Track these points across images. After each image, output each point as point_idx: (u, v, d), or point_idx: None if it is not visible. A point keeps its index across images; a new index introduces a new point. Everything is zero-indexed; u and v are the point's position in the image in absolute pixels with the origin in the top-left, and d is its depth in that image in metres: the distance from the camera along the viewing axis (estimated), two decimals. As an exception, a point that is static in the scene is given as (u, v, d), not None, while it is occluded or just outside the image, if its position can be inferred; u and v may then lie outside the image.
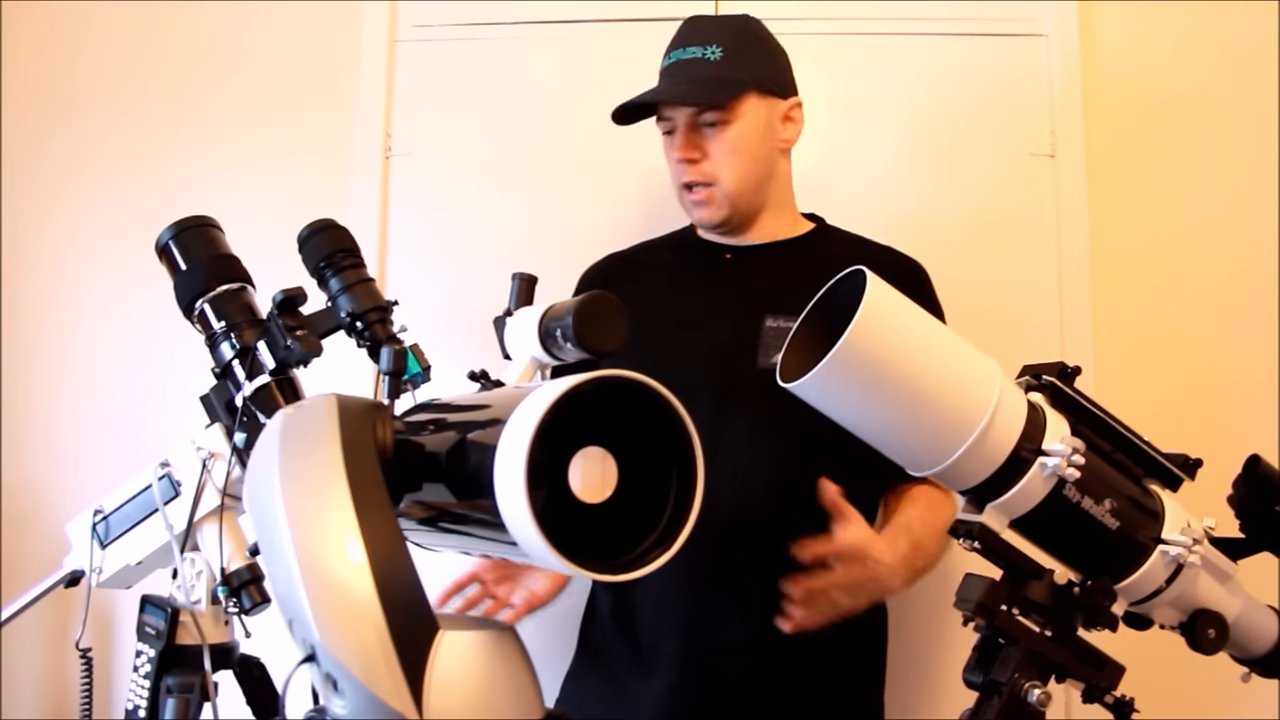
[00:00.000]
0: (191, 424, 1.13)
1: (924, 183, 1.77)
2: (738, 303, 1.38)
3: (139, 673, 1.08)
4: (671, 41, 1.39)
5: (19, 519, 1.79)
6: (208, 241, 1.16)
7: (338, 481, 0.65)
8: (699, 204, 1.37)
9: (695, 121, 1.34)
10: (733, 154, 1.35)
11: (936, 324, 0.85)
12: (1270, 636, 0.94)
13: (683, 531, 0.63)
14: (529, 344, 0.88)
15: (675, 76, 1.36)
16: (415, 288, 1.75)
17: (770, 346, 1.32)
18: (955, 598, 0.88)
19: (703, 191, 1.36)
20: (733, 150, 1.34)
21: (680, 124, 1.35)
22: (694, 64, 1.34)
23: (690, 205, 1.39)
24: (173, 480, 1.10)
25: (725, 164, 1.35)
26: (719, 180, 1.35)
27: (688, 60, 1.35)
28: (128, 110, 1.87)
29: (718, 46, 1.34)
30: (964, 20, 1.78)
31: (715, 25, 1.39)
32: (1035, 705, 0.83)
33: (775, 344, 1.32)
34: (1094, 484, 0.84)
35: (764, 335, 1.32)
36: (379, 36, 1.84)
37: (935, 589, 1.52)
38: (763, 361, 1.31)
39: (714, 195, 1.36)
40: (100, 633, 1.72)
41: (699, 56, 1.34)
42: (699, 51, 1.34)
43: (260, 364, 1.07)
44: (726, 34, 1.36)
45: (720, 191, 1.36)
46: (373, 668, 0.61)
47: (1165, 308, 1.74)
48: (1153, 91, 1.78)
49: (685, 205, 1.41)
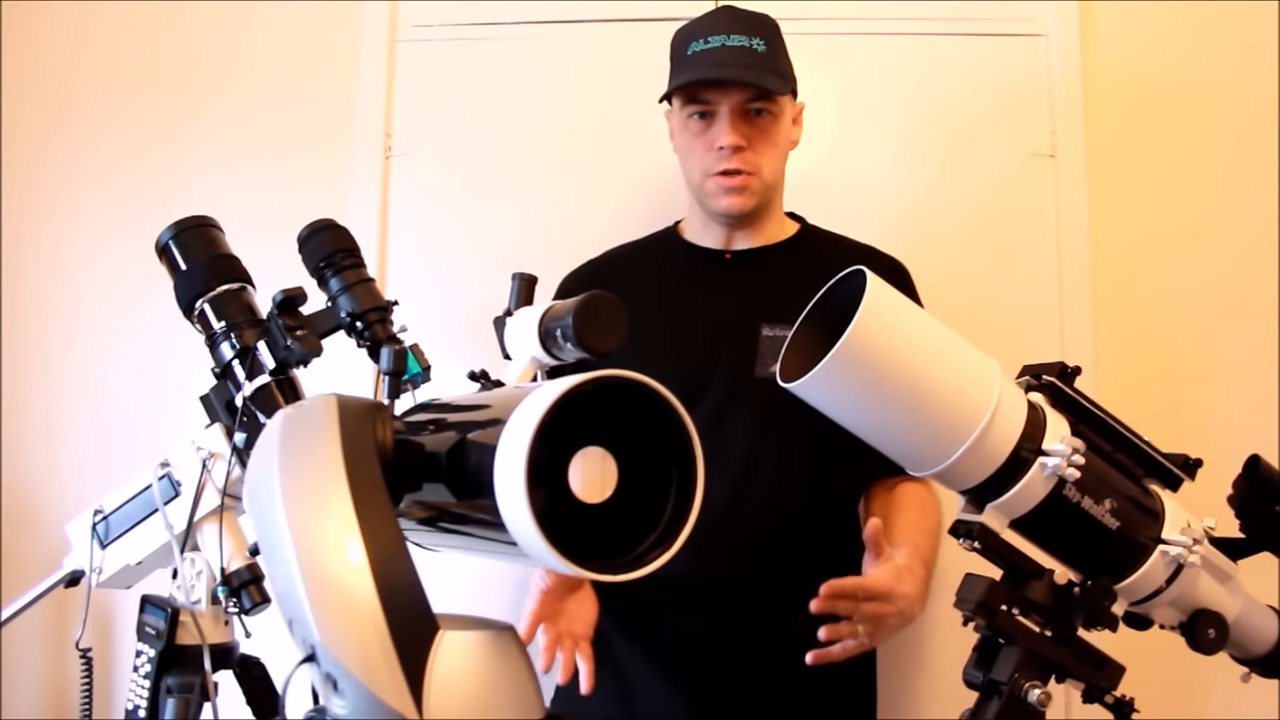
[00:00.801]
0: (191, 424, 1.13)
1: (924, 183, 1.77)
2: (735, 310, 1.37)
3: (139, 673, 1.08)
4: (704, 25, 1.36)
5: (19, 519, 1.79)
6: (208, 241, 1.16)
7: (338, 481, 0.65)
8: (734, 190, 1.34)
9: (744, 108, 1.32)
10: (773, 146, 1.35)
11: (937, 324, 0.85)
12: (1270, 636, 0.94)
13: (683, 531, 0.63)
14: (529, 344, 0.88)
15: (725, 61, 1.32)
16: (415, 288, 1.75)
17: (767, 356, 1.32)
18: (955, 598, 0.88)
19: (740, 179, 1.34)
20: (773, 143, 1.35)
21: (727, 109, 1.32)
22: (744, 52, 1.32)
23: (722, 191, 1.35)
24: (173, 480, 1.10)
25: (766, 155, 1.34)
26: (759, 170, 1.34)
27: (735, 47, 1.32)
28: (127, 110, 1.87)
29: (760, 40, 1.33)
30: (964, 20, 1.78)
31: (754, 20, 1.37)
32: (1035, 705, 0.83)
33: (772, 353, 1.32)
34: (1094, 484, 0.84)
35: (761, 344, 1.33)
36: (379, 36, 1.84)
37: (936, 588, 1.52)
38: (760, 371, 1.31)
39: (752, 184, 1.34)
40: (100, 633, 1.72)
41: (746, 45, 1.32)
42: (745, 40, 1.32)
43: (260, 364, 1.07)
44: (766, 30, 1.35)
45: (758, 182, 1.35)
46: (373, 668, 0.61)
47: (1165, 307, 1.74)
48: (1152, 91, 1.78)
49: (710, 193, 1.36)
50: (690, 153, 1.38)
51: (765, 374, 1.30)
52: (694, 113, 1.35)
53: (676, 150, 1.43)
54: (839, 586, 1.08)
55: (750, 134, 1.32)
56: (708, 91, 1.33)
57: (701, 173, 1.36)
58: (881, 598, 1.09)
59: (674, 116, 1.41)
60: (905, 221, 1.75)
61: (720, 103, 1.32)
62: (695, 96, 1.34)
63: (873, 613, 1.10)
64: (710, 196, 1.37)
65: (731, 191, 1.34)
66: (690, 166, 1.39)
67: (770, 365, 1.30)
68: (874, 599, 1.09)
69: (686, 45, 1.35)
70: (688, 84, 1.32)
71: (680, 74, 1.35)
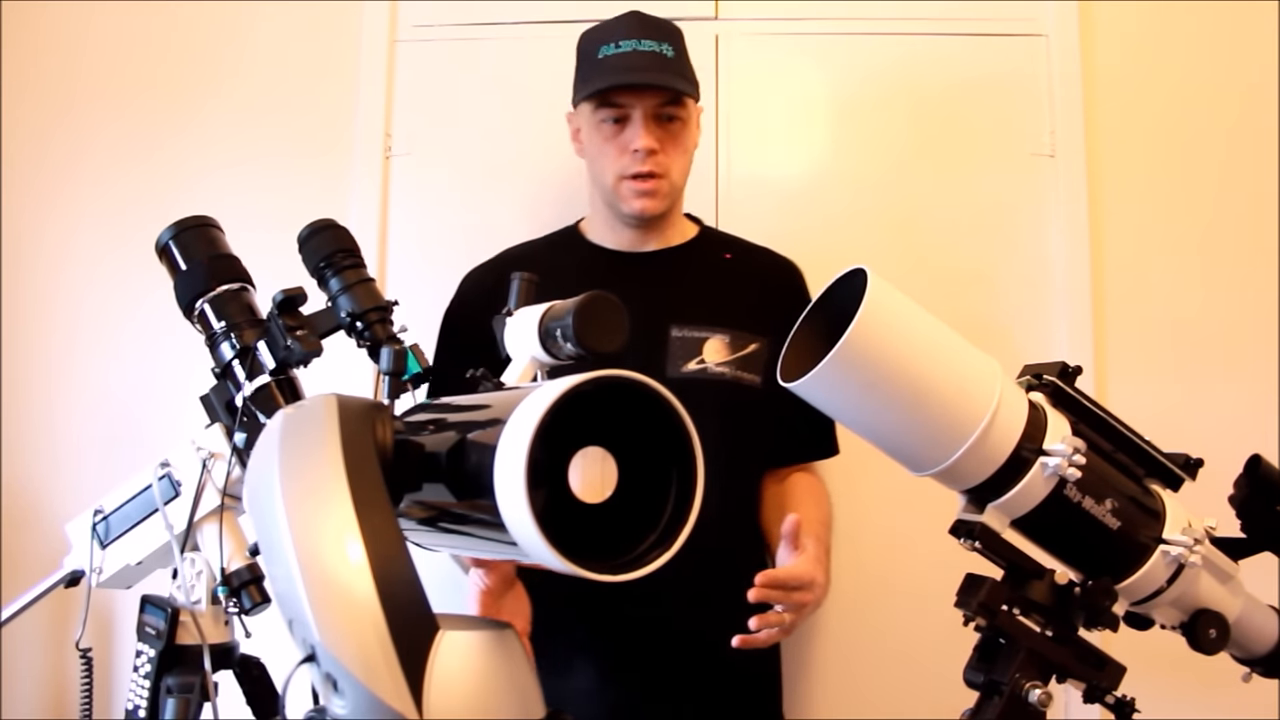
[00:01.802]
0: (191, 424, 1.13)
1: (924, 183, 1.77)
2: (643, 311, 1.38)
3: (139, 673, 1.08)
4: (613, 30, 1.38)
5: (19, 519, 1.79)
6: (208, 241, 1.16)
7: (338, 481, 0.65)
8: (646, 194, 1.37)
9: (657, 113, 1.35)
10: (682, 152, 1.39)
11: (937, 324, 0.84)
12: (1271, 636, 0.94)
13: (682, 531, 0.63)
14: (529, 344, 0.88)
15: (637, 66, 1.35)
16: (415, 288, 1.75)
17: (678, 355, 1.36)
18: (956, 598, 0.88)
19: (652, 182, 1.37)
20: (682, 148, 1.39)
21: (640, 113, 1.35)
22: (654, 57, 1.35)
23: (634, 194, 1.38)
24: (173, 480, 1.10)
25: (676, 159, 1.38)
26: (669, 173, 1.37)
27: (647, 52, 1.35)
28: (128, 110, 1.87)
29: (669, 46, 1.36)
30: (964, 20, 1.78)
31: (660, 26, 1.40)
32: (1035, 705, 0.83)
33: (682, 352, 1.37)
34: (1095, 484, 0.84)
35: (671, 344, 1.37)
36: (379, 36, 1.84)
37: (935, 587, 1.52)
38: (671, 370, 1.35)
39: (663, 187, 1.38)
40: (100, 633, 1.72)
41: (656, 51, 1.35)
42: (655, 46, 1.35)
43: (260, 364, 1.07)
44: (673, 37, 1.39)
45: (668, 185, 1.38)
46: (373, 668, 0.61)
47: (1166, 307, 1.74)
48: (1152, 91, 1.78)
49: (623, 195, 1.39)
50: (602, 156, 1.40)
51: (677, 374, 1.35)
52: (607, 117, 1.37)
53: (583, 154, 1.45)
54: (773, 577, 1.12)
55: (662, 138, 1.36)
56: (622, 95, 1.35)
57: (614, 175, 1.39)
58: (806, 587, 1.15)
59: (580, 119, 1.43)
60: (905, 221, 1.75)
61: (634, 106, 1.35)
62: (609, 101, 1.36)
63: (798, 601, 1.14)
64: (623, 199, 1.40)
65: (644, 195, 1.38)
66: (601, 169, 1.41)
67: (681, 364, 1.36)
68: (801, 588, 1.14)
69: (596, 49, 1.37)
70: (609, 88, 1.35)
71: (592, 77, 1.37)
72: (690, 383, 1.35)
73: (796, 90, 1.78)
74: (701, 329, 1.38)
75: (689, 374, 1.36)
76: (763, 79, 1.78)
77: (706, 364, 1.37)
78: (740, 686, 1.38)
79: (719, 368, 1.36)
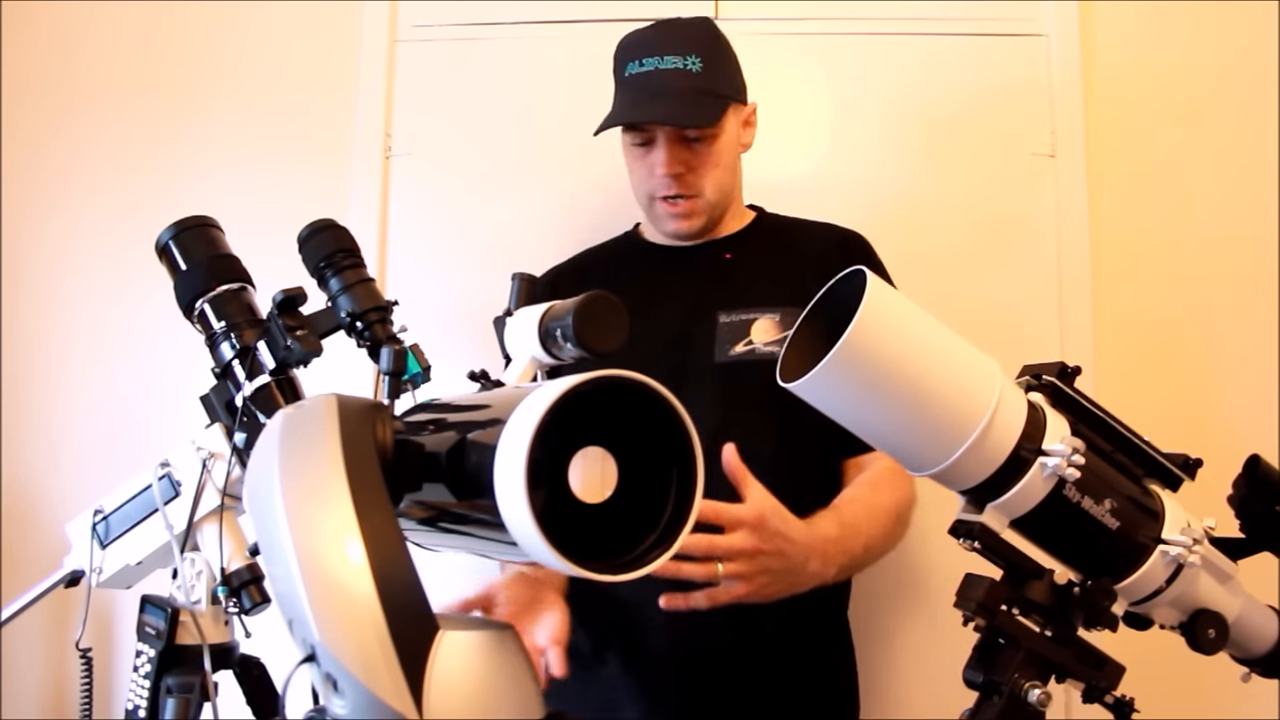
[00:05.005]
0: (191, 424, 1.13)
1: (924, 182, 1.77)
2: (692, 303, 1.38)
3: (139, 673, 1.08)
4: (636, 46, 1.35)
5: (19, 519, 1.79)
6: (208, 241, 1.16)
7: (338, 482, 0.65)
8: (679, 216, 1.36)
9: (681, 135, 1.32)
10: (715, 167, 1.35)
11: (937, 324, 0.84)
12: (1270, 637, 0.93)
13: (683, 531, 0.63)
14: (529, 344, 0.88)
15: (657, 90, 1.32)
16: (415, 288, 1.75)
17: (724, 340, 1.34)
18: (955, 598, 0.88)
19: (684, 204, 1.35)
20: (715, 164, 1.35)
21: (664, 138, 1.33)
22: (676, 75, 1.31)
23: (667, 217, 1.37)
24: (173, 480, 1.10)
25: (708, 176, 1.35)
26: (703, 192, 1.35)
27: (668, 71, 1.31)
28: (128, 110, 1.87)
29: (696, 57, 1.32)
30: (964, 20, 1.79)
31: (688, 33, 1.36)
32: (1035, 705, 0.83)
33: (729, 337, 1.34)
34: (1094, 484, 0.84)
35: (719, 330, 1.35)
36: (379, 36, 1.84)
37: (935, 587, 1.53)
38: (719, 356, 1.33)
39: (696, 207, 1.36)
40: (100, 633, 1.72)
41: (680, 67, 1.31)
42: (679, 62, 1.31)
43: (260, 364, 1.07)
44: (702, 43, 1.34)
45: (703, 203, 1.36)
46: (373, 668, 0.61)
47: (1165, 307, 1.74)
48: (1152, 91, 1.78)
49: (658, 215, 1.38)
50: (634, 175, 1.39)
51: (724, 358, 1.33)
52: (634, 140, 1.36)
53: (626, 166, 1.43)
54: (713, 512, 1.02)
55: (689, 158, 1.33)
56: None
57: (646, 195, 1.38)
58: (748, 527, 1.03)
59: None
60: (904, 221, 1.75)
61: (656, 130, 1.33)
62: (632, 125, 1.35)
63: (736, 548, 1.03)
64: (658, 220, 1.40)
65: (677, 216, 1.37)
66: (636, 187, 1.40)
67: (728, 349, 1.33)
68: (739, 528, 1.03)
69: (624, 65, 1.35)
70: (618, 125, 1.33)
71: (616, 99, 1.36)
72: (736, 365, 1.32)
73: (796, 90, 1.78)
74: (749, 311, 1.35)
75: (735, 357, 1.33)
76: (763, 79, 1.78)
77: (755, 345, 1.33)
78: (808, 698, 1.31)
79: (768, 347, 1.32)
